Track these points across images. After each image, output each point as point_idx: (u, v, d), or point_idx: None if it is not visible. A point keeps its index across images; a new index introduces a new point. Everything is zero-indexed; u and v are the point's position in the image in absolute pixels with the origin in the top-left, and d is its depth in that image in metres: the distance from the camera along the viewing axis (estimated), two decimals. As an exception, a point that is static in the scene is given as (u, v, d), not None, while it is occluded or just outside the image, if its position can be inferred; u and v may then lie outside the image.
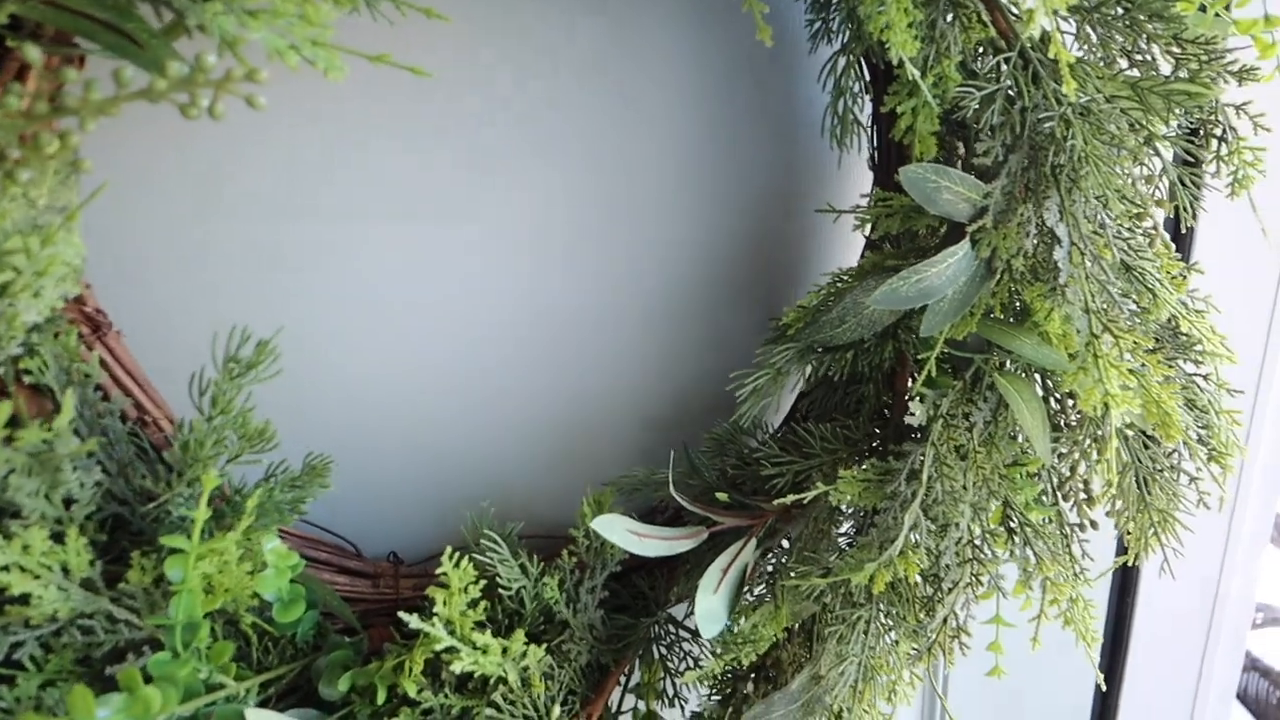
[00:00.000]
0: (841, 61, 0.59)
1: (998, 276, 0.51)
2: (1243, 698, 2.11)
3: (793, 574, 0.56)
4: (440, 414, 0.68)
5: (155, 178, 0.55)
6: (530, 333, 0.68)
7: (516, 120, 0.62)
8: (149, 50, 0.34)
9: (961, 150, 0.57)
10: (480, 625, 0.56)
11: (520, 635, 0.54)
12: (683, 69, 0.65)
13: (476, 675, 0.54)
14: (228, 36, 0.34)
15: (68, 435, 0.42)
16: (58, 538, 0.44)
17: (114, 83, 0.34)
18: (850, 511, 0.60)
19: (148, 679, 0.44)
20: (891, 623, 0.56)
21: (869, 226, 0.63)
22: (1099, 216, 0.50)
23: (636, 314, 0.70)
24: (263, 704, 0.52)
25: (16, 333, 0.41)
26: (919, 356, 0.56)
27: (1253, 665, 2.14)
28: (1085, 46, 0.54)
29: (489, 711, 0.54)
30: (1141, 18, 0.52)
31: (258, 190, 0.58)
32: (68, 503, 0.45)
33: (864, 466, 0.55)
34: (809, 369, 0.61)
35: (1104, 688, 1.03)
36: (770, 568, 0.63)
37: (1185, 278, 0.55)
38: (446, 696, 0.54)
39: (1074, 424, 0.56)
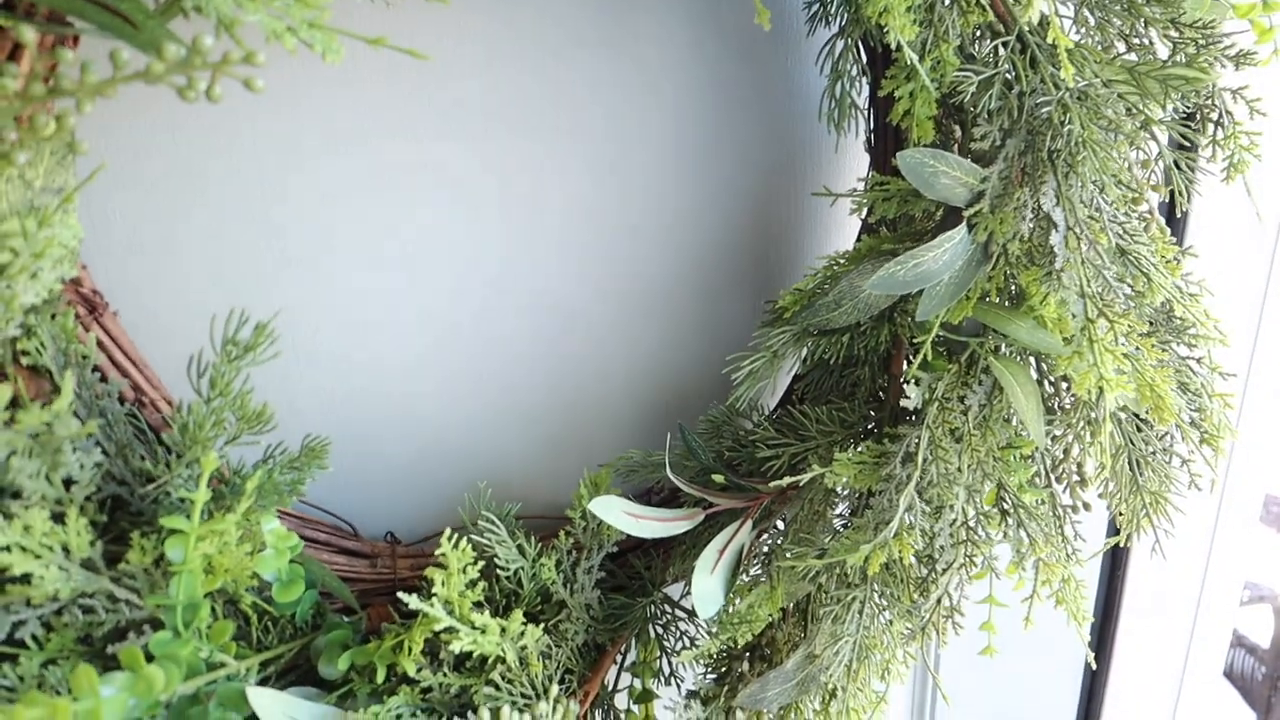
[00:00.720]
0: (839, 45, 0.59)
1: (994, 261, 0.51)
2: (1229, 674, 2.14)
3: (788, 555, 0.57)
4: (438, 395, 0.68)
5: (153, 160, 0.55)
6: (528, 314, 0.68)
7: (512, 106, 0.61)
8: (145, 31, 0.34)
9: (959, 134, 0.57)
10: (478, 605, 0.57)
11: (518, 615, 0.55)
12: (678, 52, 0.64)
13: (475, 655, 0.54)
14: (225, 18, 0.34)
15: (68, 417, 0.42)
16: (58, 518, 0.45)
17: (110, 64, 0.34)
18: (845, 493, 0.61)
19: (149, 658, 0.45)
20: (886, 603, 0.57)
21: (865, 210, 0.63)
22: (1095, 201, 0.50)
23: (632, 296, 0.70)
24: (263, 682, 0.53)
25: (14, 314, 0.41)
26: (915, 340, 0.56)
27: (1239, 642, 2.17)
28: (1083, 30, 0.54)
29: (487, 690, 0.54)
30: (1139, 1, 0.52)
31: (256, 174, 0.57)
32: (68, 484, 0.45)
33: (859, 449, 0.55)
34: (805, 352, 0.62)
35: (1094, 666, 1.04)
36: (766, 549, 0.63)
37: (1179, 261, 0.56)
38: (445, 675, 0.55)
39: (1068, 407, 0.57)
